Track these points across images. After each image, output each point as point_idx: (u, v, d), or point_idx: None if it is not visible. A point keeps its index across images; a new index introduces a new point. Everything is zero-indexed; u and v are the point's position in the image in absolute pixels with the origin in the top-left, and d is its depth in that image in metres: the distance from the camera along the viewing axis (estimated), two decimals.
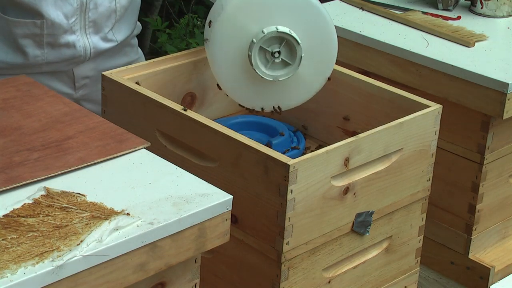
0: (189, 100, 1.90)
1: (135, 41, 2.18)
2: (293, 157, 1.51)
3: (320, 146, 1.87)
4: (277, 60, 1.76)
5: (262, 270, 1.59)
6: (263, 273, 1.59)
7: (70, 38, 1.95)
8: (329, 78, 1.82)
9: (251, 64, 1.75)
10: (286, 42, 1.75)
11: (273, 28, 1.74)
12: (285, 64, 1.77)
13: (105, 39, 2.02)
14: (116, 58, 2.09)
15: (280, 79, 1.78)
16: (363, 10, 2.20)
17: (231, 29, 1.75)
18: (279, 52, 1.76)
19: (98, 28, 1.99)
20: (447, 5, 2.25)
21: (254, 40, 1.74)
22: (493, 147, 1.95)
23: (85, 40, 1.97)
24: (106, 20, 2.00)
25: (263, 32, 1.73)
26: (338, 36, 2.09)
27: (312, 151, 1.56)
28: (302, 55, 1.75)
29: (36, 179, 1.30)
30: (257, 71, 1.76)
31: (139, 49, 2.21)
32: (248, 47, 1.75)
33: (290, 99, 1.84)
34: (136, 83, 1.76)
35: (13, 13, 1.91)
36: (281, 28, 1.74)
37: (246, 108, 1.85)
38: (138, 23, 2.17)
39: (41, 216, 1.21)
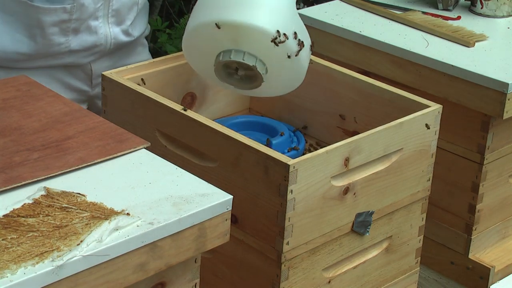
0: (189, 100, 1.90)
1: (146, 42, 2.19)
2: (293, 157, 1.51)
3: (318, 145, 1.87)
4: (237, 77, 1.73)
5: (262, 270, 1.59)
6: (263, 273, 1.59)
7: (93, 23, 1.96)
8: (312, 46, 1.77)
9: (217, 76, 1.74)
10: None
11: (226, 57, 1.68)
12: (249, 77, 1.73)
13: (126, 33, 2.03)
14: (131, 57, 2.09)
15: (249, 89, 1.75)
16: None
17: (193, 48, 1.75)
18: (237, 69, 1.72)
19: (120, 19, 2.00)
20: (447, 5, 2.24)
21: (214, 62, 1.71)
22: (493, 147, 1.95)
23: (106, 29, 1.98)
24: (128, 11, 2.01)
25: (219, 57, 1.70)
26: (338, 36, 2.10)
27: (311, 151, 1.56)
28: (262, 73, 1.70)
29: (36, 179, 1.30)
30: (224, 82, 1.75)
31: (149, 51, 2.22)
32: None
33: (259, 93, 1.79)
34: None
35: (41, 1, 1.90)
36: (234, 56, 1.68)
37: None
38: (148, 24, 2.17)
39: (41, 216, 1.21)
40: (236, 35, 1.67)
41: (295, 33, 1.69)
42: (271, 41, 1.66)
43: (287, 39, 1.67)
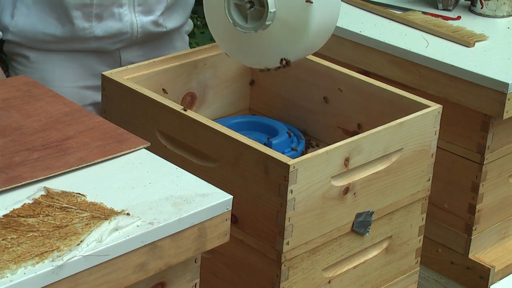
0: (189, 100, 1.90)
1: (187, 38, 2.19)
2: (293, 157, 1.51)
3: (318, 145, 1.87)
4: (252, 11, 1.71)
5: (262, 270, 1.59)
6: (263, 273, 1.59)
7: (117, 10, 1.96)
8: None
9: (231, 22, 1.72)
10: None
11: None
12: (261, 13, 1.71)
13: (156, 24, 2.03)
14: (165, 49, 2.09)
15: (261, 29, 1.71)
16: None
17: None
18: (251, 2, 1.70)
19: (148, 8, 2.00)
20: (447, 5, 2.24)
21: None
22: (493, 147, 1.95)
23: (132, 17, 1.98)
24: (156, 2, 2.01)
25: None
26: (338, 36, 2.10)
27: (311, 151, 1.56)
28: (271, 8, 1.68)
29: (36, 179, 1.30)
30: (237, 27, 1.72)
31: (189, 48, 2.21)
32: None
33: (293, 49, 1.73)
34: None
35: None
36: None
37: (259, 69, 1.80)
38: (190, 20, 2.17)
39: (41, 216, 1.21)
40: None
41: None
42: None
43: None
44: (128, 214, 1.23)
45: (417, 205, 1.78)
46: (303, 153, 1.84)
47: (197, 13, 3.93)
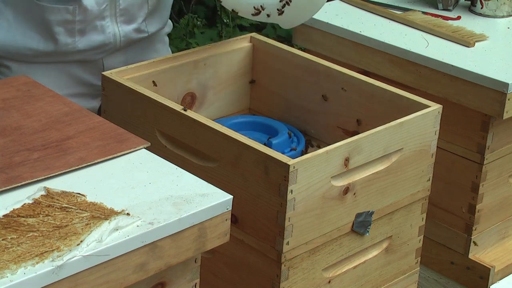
0: (189, 100, 1.90)
1: (166, 39, 2.18)
2: (293, 157, 1.51)
3: (318, 145, 1.87)
4: None
5: (262, 270, 1.59)
6: (263, 273, 1.59)
7: (99, 23, 1.95)
8: None
9: None
10: None
11: None
12: None
13: (138, 31, 2.02)
14: (147, 53, 2.08)
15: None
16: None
17: None
18: None
19: (130, 18, 1.99)
20: (447, 5, 2.25)
21: None
22: (493, 147, 1.95)
23: (114, 27, 1.97)
24: (138, 9, 2.00)
25: None
26: (338, 36, 2.10)
27: (311, 151, 1.56)
28: None
29: (36, 179, 1.30)
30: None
31: (170, 49, 2.21)
32: None
33: None
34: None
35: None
36: None
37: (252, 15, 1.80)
38: (169, 21, 2.17)
39: (41, 216, 1.21)
40: None
41: None
42: None
43: None
44: (128, 214, 1.23)
45: (417, 205, 1.78)
46: (303, 153, 1.84)
47: (197, 13, 3.93)
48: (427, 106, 1.73)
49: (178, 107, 1.64)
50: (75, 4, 1.90)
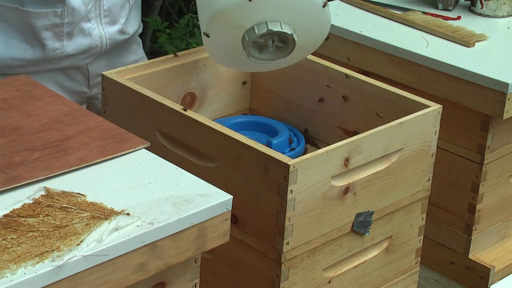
0: (189, 100, 1.90)
1: (139, 39, 2.18)
2: (293, 157, 1.51)
3: (318, 146, 1.87)
4: (271, 49, 1.71)
5: (262, 270, 1.59)
6: (263, 273, 1.59)
7: (86, 26, 1.94)
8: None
9: (247, 55, 1.72)
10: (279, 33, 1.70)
11: (264, 28, 1.67)
12: (279, 47, 1.72)
13: (121, 32, 2.02)
14: (125, 55, 2.08)
15: (277, 60, 1.74)
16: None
17: (225, 26, 1.72)
18: (273, 41, 1.70)
19: (113, 19, 1.99)
20: (447, 5, 2.25)
21: (247, 38, 1.68)
22: (493, 147, 1.95)
23: (100, 29, 1.96)
24: (120, 9, 2.00)
25: (254, 31, 1.67)
26: (338, 36, 2.09)
27: (311, 151, 1.56)
28: (296, 40, 1.70)
29: (36, 179, 1.30)
30: (253, 59, 1.72)
31: (142, 48, 2.21)
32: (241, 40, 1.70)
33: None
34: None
35: (31, 5, 1.89)
36: (272, 26, 1.67)
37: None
38: (141, 22, 2.17)
39: (41, 216, 1.21)
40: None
41: None
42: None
43: None
44: (128, 214, 1.23)
45: (417, 205, 1.78)
46: (303, 153, 1.84)
47: (197, 13, 3.93)
48: (427, 106, 1.73)
49: (178, 107, 1.64)
50: (62, 5, 1.89)
